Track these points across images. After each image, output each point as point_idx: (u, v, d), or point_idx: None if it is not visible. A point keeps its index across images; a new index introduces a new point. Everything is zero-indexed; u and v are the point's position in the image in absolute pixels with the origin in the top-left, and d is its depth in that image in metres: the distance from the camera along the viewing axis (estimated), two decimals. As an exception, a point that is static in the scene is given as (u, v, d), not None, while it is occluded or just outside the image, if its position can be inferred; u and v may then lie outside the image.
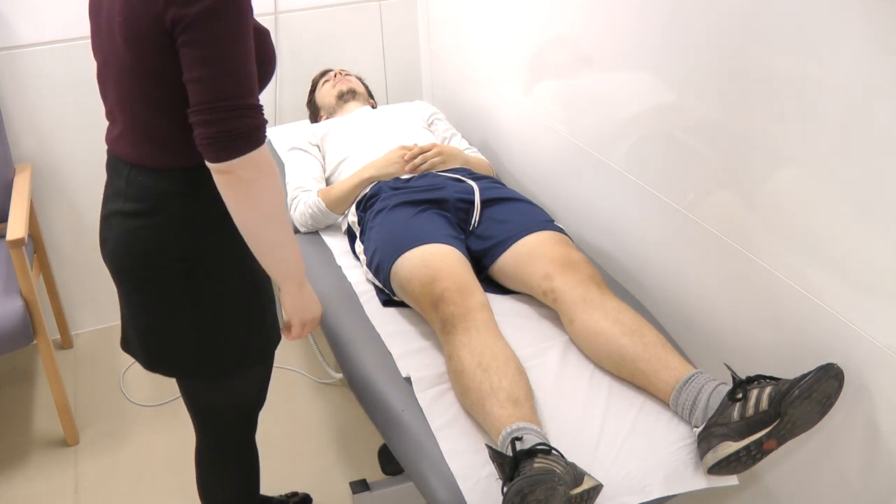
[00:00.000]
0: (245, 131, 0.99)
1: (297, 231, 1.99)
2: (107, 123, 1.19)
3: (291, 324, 1.23)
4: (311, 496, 1.87)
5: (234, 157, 0.99)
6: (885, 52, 1.04)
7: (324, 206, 1.91)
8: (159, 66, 1.02)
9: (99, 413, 2.19)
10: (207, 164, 1.02)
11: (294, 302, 1.19)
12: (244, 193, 1.03)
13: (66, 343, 2.47)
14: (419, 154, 1.89)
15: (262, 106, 1.02)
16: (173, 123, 1.06)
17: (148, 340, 1.23)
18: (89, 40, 1.20)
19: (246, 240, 1.09)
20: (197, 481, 1.45)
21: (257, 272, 1.21)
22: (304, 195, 1.96)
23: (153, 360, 1.25)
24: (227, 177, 1.01)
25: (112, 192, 1.19)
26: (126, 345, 1.30)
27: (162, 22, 0.98)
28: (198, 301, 1.18)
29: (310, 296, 1.22)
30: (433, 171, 1.87)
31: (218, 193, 1.05)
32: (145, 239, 1.14)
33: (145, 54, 1.02)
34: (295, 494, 1.88)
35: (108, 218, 1.20)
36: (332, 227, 1.99)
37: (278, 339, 1.31)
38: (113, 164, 1.19)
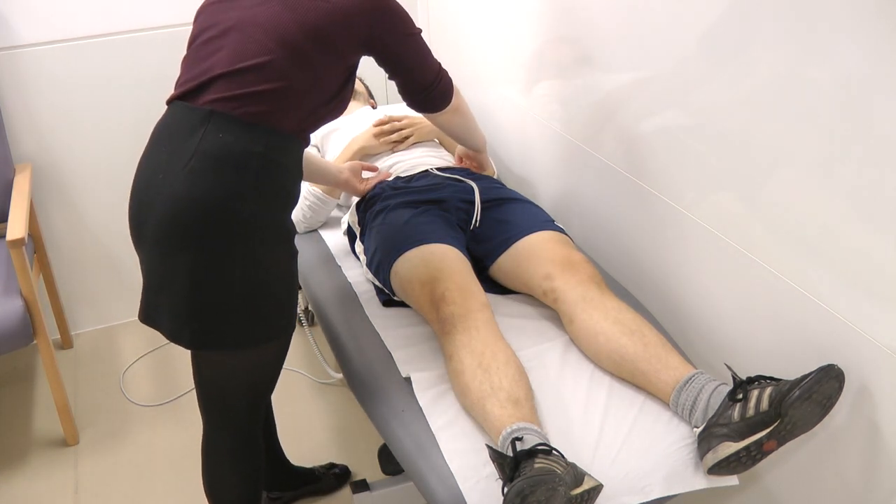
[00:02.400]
0: (448, 84, 1.50)
1: (295, 232, 1.99)
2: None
3: (483, 161, 1.91)
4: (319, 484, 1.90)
5: (451, 98, 1.52)
6: (885, 52, 1.04)
7: (320, 192, 1.91)
8: (339, 51, 1.28)
9: (99, 413, 2.19)
10: (439, 113, 1.53)
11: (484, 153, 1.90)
12: (462, 113, 1.62)
13: (66, 343, 2.47)
14: (389, 123, 1.99)
15: (440, 63, 1.48)
16: (324, 93, 1.29)
17: (187, 305, 1.21)
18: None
19: (464, 139, 1.75)
20: (203, 477, 1.45)
21: (293, 252, 1.32)
22: None
23: (181, 326, 1.23)
24: (452, 112, 1.55)
25: (171, 152, 1.20)
26: (147, 316, 1.28)
27: (360, 36, 1.29)
28: (248, 266, 1.21)
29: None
30: (432, 171, 1.87)
31: (290, 167, 1.28)
32: (213, 197, 1.17)
33: (328, 47, 1.26)
34: (333, 466, 1.92)
35: (161, 179, 1.20)
36: (332, 227, 1.99)
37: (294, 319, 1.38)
38: (179, 124, 1.22)
